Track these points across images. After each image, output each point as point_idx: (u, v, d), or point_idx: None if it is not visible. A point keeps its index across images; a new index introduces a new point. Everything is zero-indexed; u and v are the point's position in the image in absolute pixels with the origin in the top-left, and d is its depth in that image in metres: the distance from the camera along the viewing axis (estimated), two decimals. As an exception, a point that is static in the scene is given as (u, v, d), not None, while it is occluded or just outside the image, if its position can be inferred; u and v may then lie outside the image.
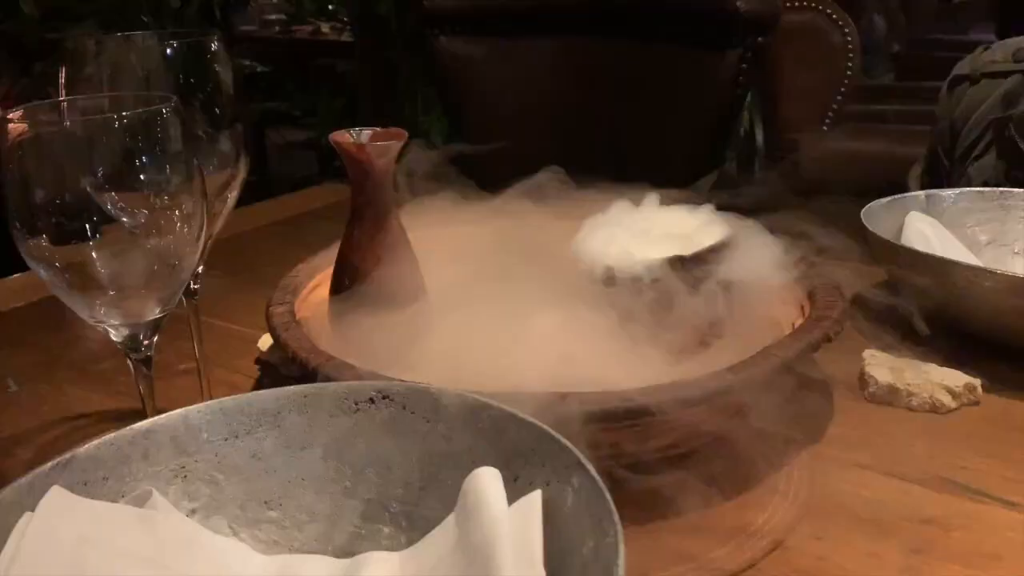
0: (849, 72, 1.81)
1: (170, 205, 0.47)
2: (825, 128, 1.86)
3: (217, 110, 0.54)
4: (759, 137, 2.08)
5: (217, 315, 0.80)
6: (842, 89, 1.83)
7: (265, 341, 0.70)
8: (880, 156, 1.78)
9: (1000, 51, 1.06)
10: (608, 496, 0.37)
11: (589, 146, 1.26)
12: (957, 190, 0.84)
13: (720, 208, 0.67)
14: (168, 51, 0.52)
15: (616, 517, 0.36)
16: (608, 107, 1.32)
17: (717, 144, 1.23)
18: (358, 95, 2.40)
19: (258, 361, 0.71)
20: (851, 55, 1.81)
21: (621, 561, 0.34)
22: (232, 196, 0.56)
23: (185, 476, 0.45)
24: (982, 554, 0.47)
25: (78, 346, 0.76)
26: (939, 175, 1.14)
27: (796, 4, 1.80)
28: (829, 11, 1.81)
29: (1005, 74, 1.04)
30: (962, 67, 1.11)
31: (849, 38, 1.80)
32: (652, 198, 0.69)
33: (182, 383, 0.67)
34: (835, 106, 1.85)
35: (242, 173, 0.56)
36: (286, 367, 0.63)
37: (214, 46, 0.53)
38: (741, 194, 0.72)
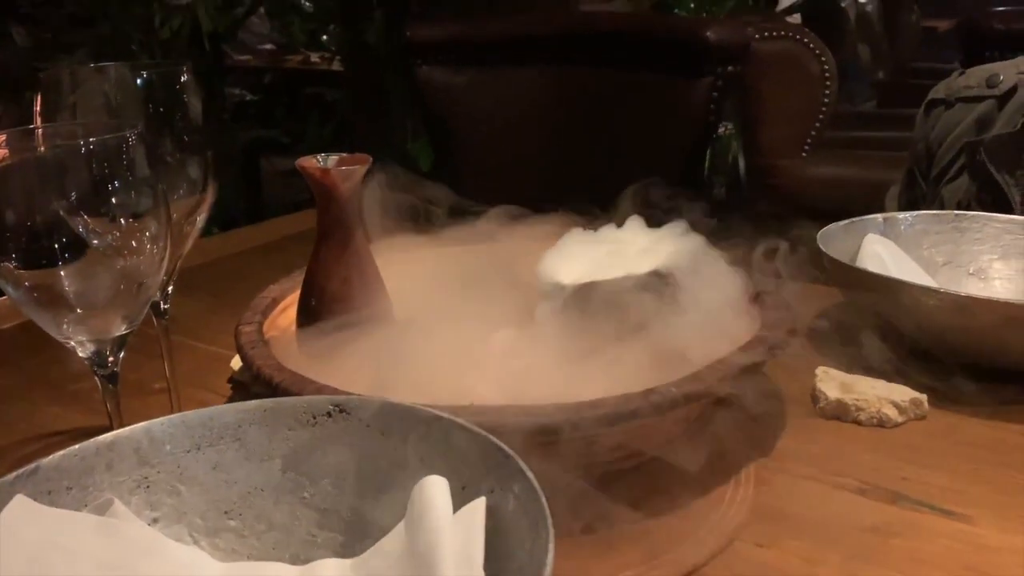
0: (827, 99, 1.85)
1: (136, 227, 0.49)
2: (805, 154, 1.90)
3: (186, 137, 0.56)
4: (741, 164, 2.11)
5: (195, 336, 0.82)
6: (820, 116, 1.86)
7: (238, 361, 0.72)
8: (860, 181, 1.81)
9: (974, 77, 1.09)
10: (544, 501, 0.39)
11: (569, 172, 1.29)
12: (914, 213, 0.87)
13: (687, 230, 0.69)
14: (139, 81, 0.55)
15: (549, 520, 0.38)
16: (587, 134, 1.35)
17: (692, 168, 1.26)
18: (347, 123, 2.44)
19: (231, 380, 0.73)
20: (828, 83, 1.85)
21: (550, 559, 0.36)
22: (200, 219, 0.58)
23: (147, 486, 0.47)
24: (919, 561, 0.49)
25: (55, 367, 0.78)
26: (915, 196, 1.17)
27: (774, 34, 1.84)
28: (806, 40, 1.85)
29: (979, 99, 1.07)
30: (937, 91, 1.14)
31: (826, 66, 1.84)
32: (620, 220, 0.71)
33: (155, 402, 0.68)
34: (814, 133, 1.88)
35: (210, 198, 0.58)
36: (256, 386, 0.65)
37: (184, 77, 0.56)
38: (718, 218, 0.74)
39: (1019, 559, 0.48)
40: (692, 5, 2.87)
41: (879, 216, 0.85)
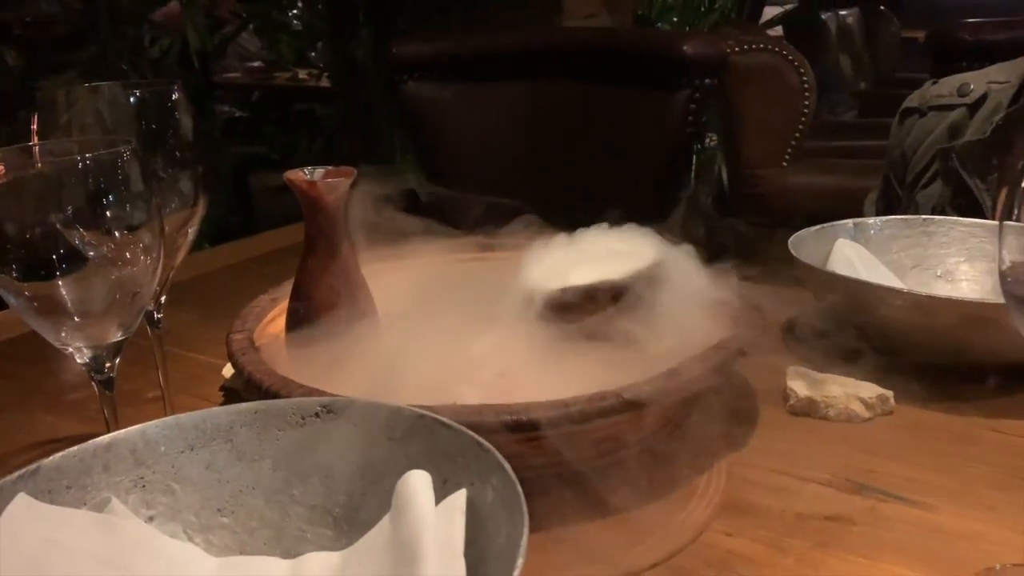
0: (806, 110, 1.89)
1: (131, 239, 0.51)
2: (785, 164, 1.94)
3: (177, 153, 0.58)
4: (724, 174, 2.15)
5: (187, 347, 0.84)
6: (800, 126, 1.90)
7: (229, 369, 0.74)
8: (839, 189, 1.85)
9: (946, 86, 1.13)
10: (520, 492, 0.42)
11: (553, 183, 1.32)
12: (884, 218, 0.90)
13: (662, 235, 0.72)
14: (132, 99, 0.57)
15: (525, 508, 0.40)
16: (570, 146, 1.38)
17: (672, 178, 1.29)
18: (335, 138, 2.47)
19: (222, 388, 0.75)
20: (807, 94, 1.89)
21: (523, 543, 0.38)
22: (192, 231, 0.60)
23: (143, 486, 0.49)
24: (880, 547, 0.51)
25: (52, 378, 0.80)
26: (891, 202, 1.20)
27: (753, 47, 1.88)
28: (785, 52, 1.89)
29: (951, 107, 1.10)
30: (911, 100, 1.18)
31: (805, 78, 1.88)
32: (597, 228, 0.74)
33: (149, 409, 0.71)
34: (794, 142, 1.92)
35: (201, 210, 0.60)
36: (248, 392, 0.67)
37: (175, 95, 0.58)
38: (700, 226, 0.77)
39: (974, 543, 0.51)
40: (675, 19, 2.92)
41: (850, 221, 0.88)
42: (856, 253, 0.83)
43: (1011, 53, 1.01)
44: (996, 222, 0.44)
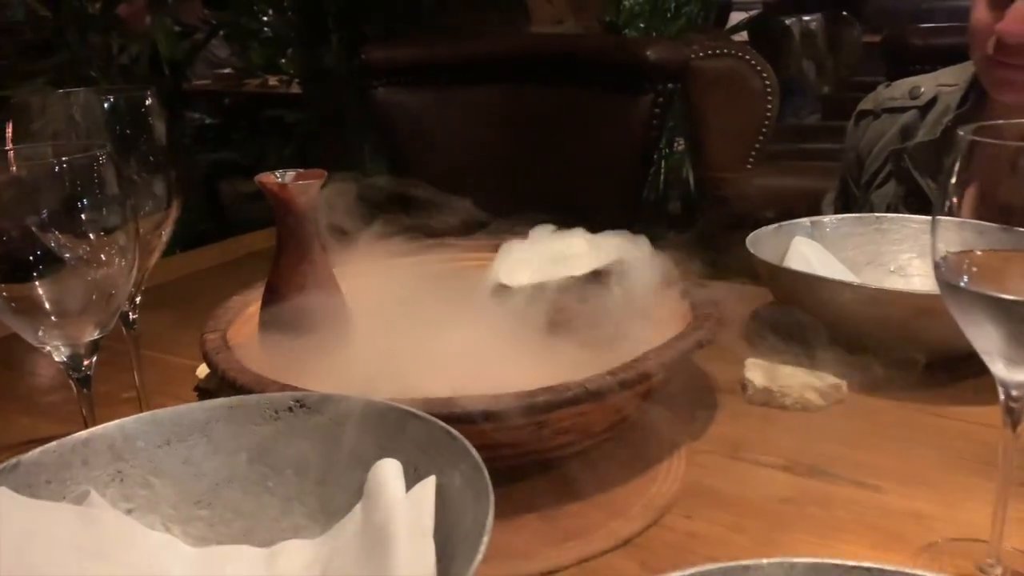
0: (769, 114, 1.93)
1: (107, 242, 0.53)
2: (750, 167, 1.98)
3: (151, 157, 0.60)
4: (691, 178, 2.19)
5: (161, 349, 0.85)
6: (763, 130, 1.94)
7: (203, 369, 0.75)
8: (801, 190, 1.89)
9: (898, 89, 1.17)
10: (487, 476, 0.44)
11: (522, 186, 1.35)
12: (839, 216, 0.93)
13: (625, 235, 0.74)
14: (105, 105, 0.59)
15: (491, 491, 0.43)
16: (539, 149, 1.41)
17: (637, 179, 1.32)
18: (306, 145, 2.48)
19: (197, 389, 0.76)
20: (770, 98, 1.93)
21: (489, 522, 0.40)
22: (166, 233, 0.62)
23: (122, 480, 0.50)
24: (831, 526, 0.54)
25: (27, 381, 0.81)
26: (848, 202, 1.24)
27: (717, 52, 1.92)
28: (748, 57, 1.93)
29: (903, 109, 1.14)
30: (866, 103, 1.21)
31: (767, 82, 1.92)
32: (563, 228, 0.76)
33: (124, 410, 0.71)
34: (758, 146, 1.96)
35: (175, 213, 0.62)
36: (223, 390, 0.69)
37: (148, 100, 0.60)
38: (671, 228, 0.80)
39: (917, 519, 0.54)
40: (642, 25, 2.96)
41: (807, 220, 0.91)
42: (812, 250, 0.86)
43: (960, 57, 1.05)
44: (967, 222, 0.47)
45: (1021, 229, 0.44)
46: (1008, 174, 0.44)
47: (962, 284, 0.44)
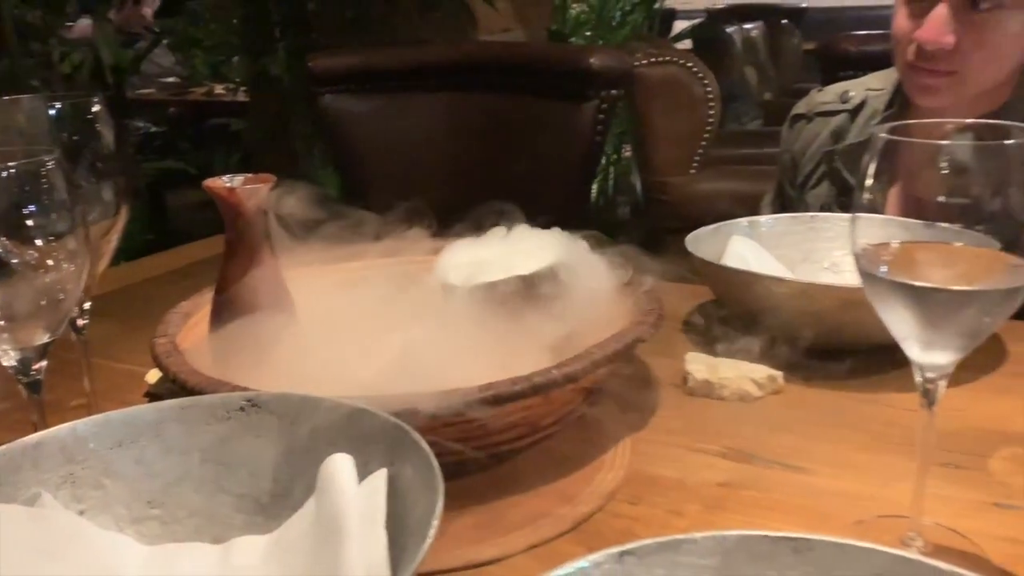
0: (711, 120, 1.98)
1: (55, 247, 0.53)
2: (693, 171, 2.03)
3: (99, 164, 0.60)
4: (637, 182, 2.23)
5: (109, 357, 0.85)
6: (706, 135, 2.00)
7: (153, 374, 0.76)
8: (742, 193, 1.94)
9: (830, 93, 1.22)
10: (436, 466, 0.45)
11: (469, 191, 1.36)
12: (775, 216, 0.97)
13: (569, 235, 0.76)
14: (53, 112, 0.59)
15: (440, 479, 0.44)
16: (486, 155, 1.43)
17: (583, 184, 1.35)
18: (254, 153, 2.47)
19: (147, 394, 0.76)
20: (712, 104, 1.98)
21: (438, 509, 0.42)
22: (114, 239, 0.62)
23: (74, 482, 0.51)
24: (765, 507, 0.57)
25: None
26: (784, 203, 1.28)
27: (660, 60, 1.97)
28: (690, 64, 1.98)
29: (834, 113, 1.19)
30: (799, 107, 1.26)
31: (709, 89, 1.97)
32: (508, 229, 0.78)
33: (74, 417, 0.71)
34: (701, 151, 2.01)
35: (123, 219, 0.62)
36: (174, 395, 0.69)
37: (95, 107, 0.60)
38: (619, 231, 0.82)
39: (844, 499, 0.57)
40: (588, 33, 3.01)
41: (744, 220, 0.95)
42: (749, 249, 0.89)
43: (888, 62, 1.10)
44: (886, 217, 0.50)
45: (932, 222, 0.47)
46: (918, 171, 0.47)
47: (879, 274, 0.47)
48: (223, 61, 2.88)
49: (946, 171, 0.46)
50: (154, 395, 0.75)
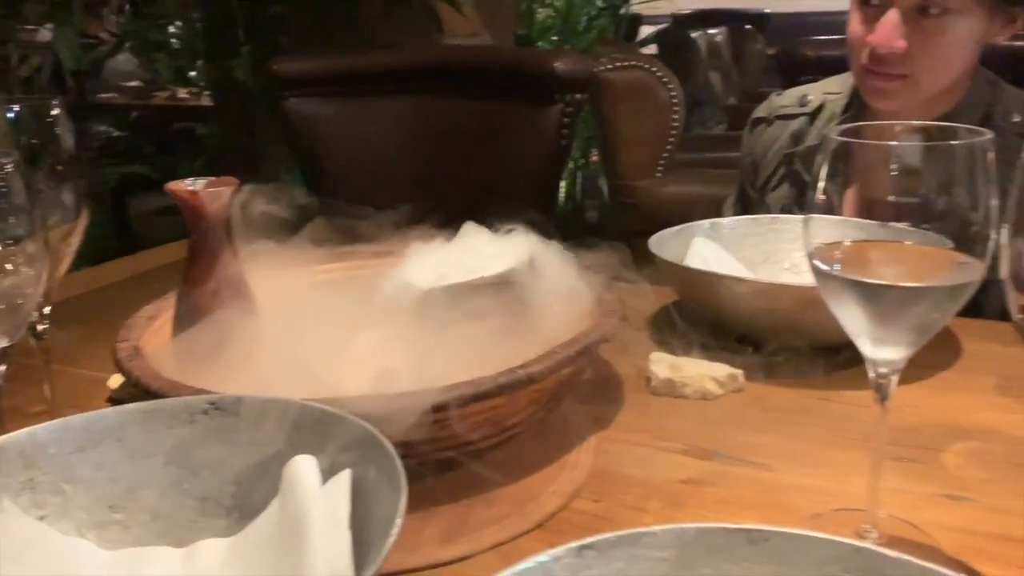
0: (675, 124, 2.00)
1: (14, 251, 0.53)
2: (659, 175, 2.04)
3: (59, 167, 0.60)
4: (603, 186, 2.25)
5: (71, 363, 0.84)
6: (671, 139, 2.01)
7: (115, 380, 0.75)
8: (709, 197, 1.96)
9: (789, 97, 1.24)
10: (400, 465, 0.46)
11: (436, 195, 1.37)
12: (736, 218, 0.98)
13: (533, 237, 0.77)
14: (11, 115, 0.58)
15: (403, 478, 0.44)
16: (452, 159, 1.43)
17: (548, 187, 1.36)
18: (218, 157, 2.45)
19: (110, 400, 0.76)
20: (676, 108, 2.00)
21: (402, 506, 0.42)
22: (75, 242, 0.62)
23: (33, 487, 0.50)
24: (726, 503, 0.58)
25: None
26: (746, 205, 1.30)
27: (625, 64, 1.99)
28: (654, 69, 2.00)
29: (793, 116, 1.22)
30: (760, 111, 1.28)
31: (673, 93, 1.99)
32: (471, 230, 0.79)
33: (34, 424, 0.71)
34: (666, 155, 2.03)
35: (83, 222, 0.62)
36: (136, 400, 0.69)
37: (55, 111, 0.60)
38: (585, 233, 0.83)
39: (803, 493, 0.58)
40: (554, 38, 3.02)
41: (706, 222, 0.96)
42: (711, 250, 0.91)
43: (846, 67, 1.12)
44: (839, 218, 0.51)
45: (885, 222, 0.48)
46: (870, 172, 0.49)
47: (831, 272, 0.49)
48: (187, 65, 2.85)
49: (896, 172, 0.48)
50: (117, 400, 0.74)
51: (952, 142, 0.47)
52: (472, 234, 0.76)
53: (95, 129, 2.96)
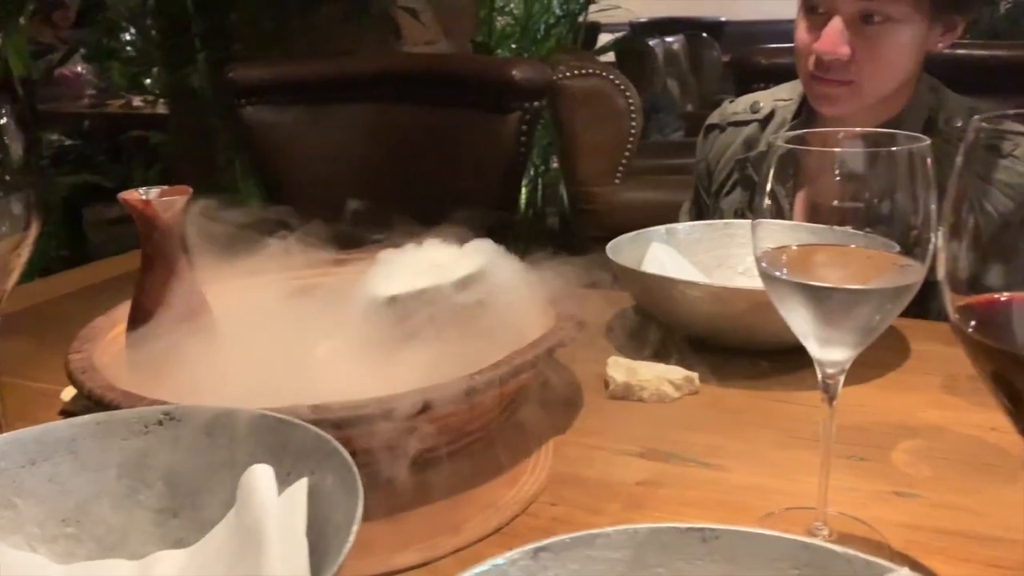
0: (633, 131, 2.02)
1: (-38, 261, 0.52)
2: (617, 182, 2.07)
3: (7, 176, 0.59)
4: (564, 192, 2.26)
5: (21, 376, 0.82)
6: (629, 146, 2.04)
7: (68, 392, 0.74)
8: (664, 202, 1.98)
9: (741, 104, 1.26)
10: (356, 472, 0.46)
11: (395, 204, 1.37)
12: (691, 223, 1.00)
13: (491, 245, 0.77)
14: (-44, 124, 0.57)
15: (360, 485, 0.45)
16: (410, 166, 1.44)
17: (507, 194, 1.37)
18: (174, 166, 2.42)
19: (63, 412, 0.75)
20: (634, 116, 2.02)
21: (358, 514, 0.42)
22: (25, 254, 0.61)
23: (-18, 502, 0.49)
24: (682, 504, 0.59)
25: None
26: (701, 210, 1.32)
27: (583, 72, 2.01)
28: (612, 77, 2.02)
29: (745, 123, 1.24)
30: (713, 118, 1.30)
31: (631, 101, 2.02)
32: (430, 238, 0.79)
33: (-17, 438, 0.69)
34: (624, 161, 2.05)
35: (34, 233, 0.61)
36: (89, 412, 0.68)
37: (2, 119, 0.59)
38: (545, 239, 0.83)
39: (759, 494, 0.59)
40: (513, 46, 3.04)
41: (662, 227, 0.97)
42: (667, 255, 0.92)
43: (796, 74, 1.14)
44: (787, 223, 0.53)
45: (830, 225, 0.50)
46: (815, 178, 0.50)
47: (779, 275, 0.50)
48: (142, 72, 2.81)
49: (839, 177, 0.49)
50: (70, 413, 0.73)
51: (892, 148, 0.48)
52: (431, 242, 0.77)
53: (46, 137, 2.90)
